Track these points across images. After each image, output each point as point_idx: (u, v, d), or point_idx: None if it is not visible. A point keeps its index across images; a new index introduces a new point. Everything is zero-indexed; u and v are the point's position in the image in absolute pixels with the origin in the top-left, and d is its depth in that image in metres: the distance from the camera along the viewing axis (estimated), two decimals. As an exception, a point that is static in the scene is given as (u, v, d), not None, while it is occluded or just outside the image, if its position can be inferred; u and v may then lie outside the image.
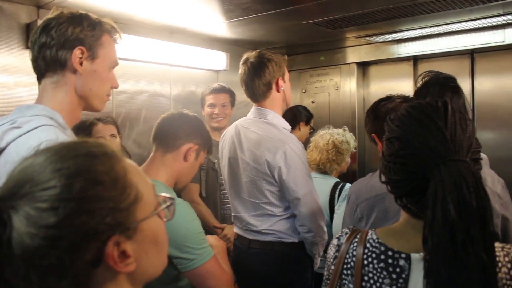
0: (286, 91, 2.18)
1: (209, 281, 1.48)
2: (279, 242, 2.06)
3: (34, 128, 1.19)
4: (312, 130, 3.39)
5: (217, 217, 2.84)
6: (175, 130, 1.64)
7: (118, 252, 0.66)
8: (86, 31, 1.30)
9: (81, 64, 1.30)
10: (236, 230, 2.26)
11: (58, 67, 1.30)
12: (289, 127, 2.17)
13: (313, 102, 4.23)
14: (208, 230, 2.71)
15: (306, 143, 2.99)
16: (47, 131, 1.19)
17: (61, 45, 1.27)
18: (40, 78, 1.34)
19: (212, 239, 1.68)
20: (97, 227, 0.63)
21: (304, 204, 1.98)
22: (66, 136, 1.24)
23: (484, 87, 3.53)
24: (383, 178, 1.01)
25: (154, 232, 0.73)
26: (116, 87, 1.43)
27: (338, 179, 2.81)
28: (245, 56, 2.15)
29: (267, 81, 2.08)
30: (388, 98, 1.76)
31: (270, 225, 2.06)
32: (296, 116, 3.31)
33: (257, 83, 2.07)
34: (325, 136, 2.81)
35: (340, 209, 2.56)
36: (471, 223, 0.80)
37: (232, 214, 2.26)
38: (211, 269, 1.48)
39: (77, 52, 1.28)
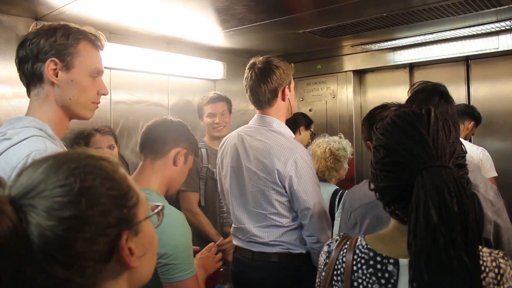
0: (291, 99, 2.11)
1: None
2: (286, 253, 1.98)
3: (23, 139, 1.22)
4: (313, 135, 3.43)
5: (216, 226, 2.83)
6: (161, 136, 1.64)
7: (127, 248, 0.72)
8: (60, 41, 1.29)
9: (56, 75, 1.30)
10: (237, 242, 2.14)
11: (37, 80, 1.31)
12: (293, 135, 2.11)
13: (310, 110, 4.25)
14: (207, 239, 2.70)
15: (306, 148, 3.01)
16: (36, 141, 1.22)
17: (35, 58, 1.27)
18: (27, 91, 1.36)
19: (202, 260, 1.72)
20: (113, 221, 0.69)
21: (314, 214, 1.91)
22: (55, 146, 1.27)
23: (480, 93, 3.56)
24: (371, 186, 1.02)
25: (150, 234, 0.79)
26: (105, 94, 1.42)
27: (337, 187, 2.82)
28: (251, 61, 2.07)
29: (273, 88, 2.01)
30: (384, 106, 1.78)
31: (278, 236, 1.98)
32: (296, 121, 3.36)
33: (263, 89, 2.00)
34: (321, 144, 2.83)
35: (340, 216, 2.56)
36: (453, 227, 0.82)
37: (234, 225, 2.15)
38: (191, 286, 1.46)
39: (49, 63, 1.28)
